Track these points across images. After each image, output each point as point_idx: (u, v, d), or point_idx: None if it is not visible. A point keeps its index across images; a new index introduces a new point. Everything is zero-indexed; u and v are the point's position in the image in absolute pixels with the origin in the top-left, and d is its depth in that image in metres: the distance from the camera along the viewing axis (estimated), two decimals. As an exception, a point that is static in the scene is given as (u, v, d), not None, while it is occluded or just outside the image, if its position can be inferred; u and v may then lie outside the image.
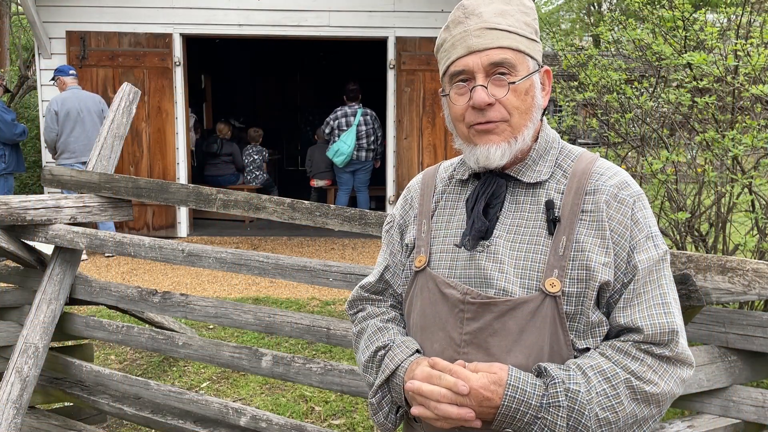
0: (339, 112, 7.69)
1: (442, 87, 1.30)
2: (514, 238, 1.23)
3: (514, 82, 1.20)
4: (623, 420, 1.14)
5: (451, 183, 1.37)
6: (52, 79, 6.86)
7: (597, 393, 1.12)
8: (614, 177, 1.24)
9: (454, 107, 1.25)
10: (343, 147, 7.59)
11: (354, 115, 7.64)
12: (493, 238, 1.23)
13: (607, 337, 1.21)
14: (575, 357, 1.18)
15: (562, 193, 1.23)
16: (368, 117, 7.69)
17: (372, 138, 7.74)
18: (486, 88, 1.20)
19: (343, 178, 7.95)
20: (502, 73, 1.20)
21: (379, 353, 1.31)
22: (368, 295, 1.45)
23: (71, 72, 6.80)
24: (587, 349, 1.19)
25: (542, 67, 1.28)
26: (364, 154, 7.74)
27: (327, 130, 7.76)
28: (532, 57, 1.24)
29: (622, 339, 1.18)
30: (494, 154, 1.22)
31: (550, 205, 1.22)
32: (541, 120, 1.30)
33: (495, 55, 1.20)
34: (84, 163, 6.52)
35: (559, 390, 1.11)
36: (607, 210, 1.20)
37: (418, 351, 1.27)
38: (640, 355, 1.16)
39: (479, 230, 1.24)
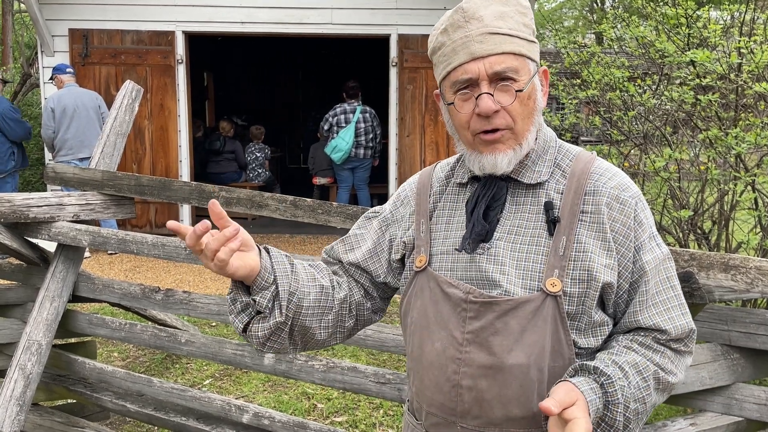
0: (338, 109, 7.67)
1: (441, 93, 1.27)
2: (515, 239, 1.23)
3: (521, 90, 1.19)
4: (648, 411, 1.17)
5: (449, 184, 1.36)
6: (51, 78, 6.88)
7: (634, 386, 1.15)
8: (613, 178, 1.23)
9: (459, 115, 1.22)
10: (341, 144, 7.57)
11: (353, 112, 7.62)
12: (494, 240, 1.23)
13: (612, 333, 1.24)
14: (576, 355, 1.19)
15: (562, 193, 1.23)
16: (367, 114, 7.66)
17: (371, 135, 7.71)
18: (492, 95, 1.18)
19: (342, 176, 7.94)
20: (507, 79, 1.19)
21: None
22: (326, 257, 1.47)
23: (68, 70, 6.81)
24: (590, 348, 1.20)
25: (540, 67, 1.27)
26: (362, 151, 7.71)
27: (326, 127, 7.74)
28: (532, 59, 1.22)
29: (642, 334, 1.21)
30: (501, 162, 1.21)
31: (548, 206, 1.22)
32: None
33: (499, 62, 1.18)
34: (81, 159, 6.52)
35: (616, 388, 1.12)
36: (609, 212, 1.20)
37: (266, 249, 1.22)
38: (660, 348, 1.21)
39: (479, 234, 1.23)
